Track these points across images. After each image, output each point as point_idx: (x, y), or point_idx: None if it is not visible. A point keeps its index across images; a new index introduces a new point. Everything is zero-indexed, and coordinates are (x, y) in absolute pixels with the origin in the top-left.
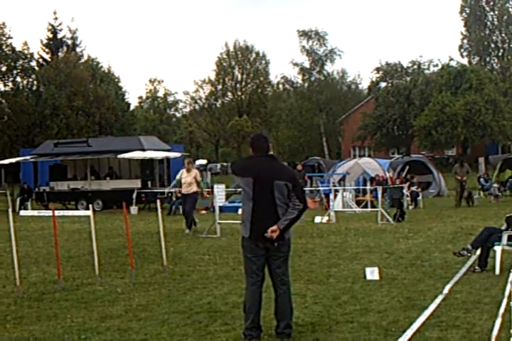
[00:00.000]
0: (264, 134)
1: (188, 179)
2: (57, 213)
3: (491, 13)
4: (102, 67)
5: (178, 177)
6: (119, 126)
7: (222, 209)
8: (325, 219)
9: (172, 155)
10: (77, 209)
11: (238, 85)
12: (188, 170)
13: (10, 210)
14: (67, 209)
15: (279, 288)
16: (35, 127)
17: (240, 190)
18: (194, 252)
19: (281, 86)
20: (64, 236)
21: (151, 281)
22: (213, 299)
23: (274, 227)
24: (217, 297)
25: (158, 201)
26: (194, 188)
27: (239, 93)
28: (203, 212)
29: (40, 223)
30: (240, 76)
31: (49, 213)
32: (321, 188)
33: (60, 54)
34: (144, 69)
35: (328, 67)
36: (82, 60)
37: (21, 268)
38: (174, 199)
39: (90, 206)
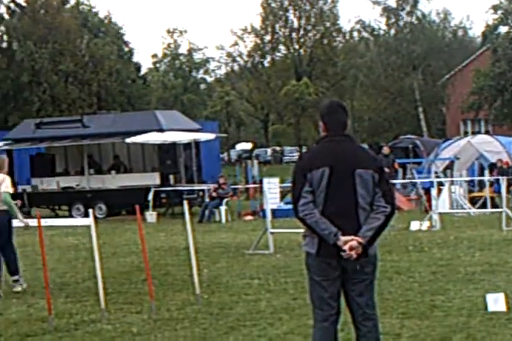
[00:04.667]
0: (342, 103)
1: None
2: (43, 223)
3: None
4: (96, 14)
5: None
6: (125, 97)
7: (275, 213)
8: (425, 225)
9: (203, 136)
10: (71, 216)
11: (294, 35)
12: None
13: None
14: (58, 216)
15: (361, 326)
16: (8, 101)
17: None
18: (238, 275)
19: (356, 34)
20: (55, 254)
21: (179, 317)
22: None
23: (354, 243)
24: (273, 339)
25: (185, 203)
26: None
27: (296, 46)
28: (249, 217)
29: (19, 236)
30: (296, 21)
31: (32, 223)
32: (418, 181)
33: None
34: (159, 16)
35: (424, 7)
36: (68, 5)
37: None
38: (208, 200)
39: (90, 212)
